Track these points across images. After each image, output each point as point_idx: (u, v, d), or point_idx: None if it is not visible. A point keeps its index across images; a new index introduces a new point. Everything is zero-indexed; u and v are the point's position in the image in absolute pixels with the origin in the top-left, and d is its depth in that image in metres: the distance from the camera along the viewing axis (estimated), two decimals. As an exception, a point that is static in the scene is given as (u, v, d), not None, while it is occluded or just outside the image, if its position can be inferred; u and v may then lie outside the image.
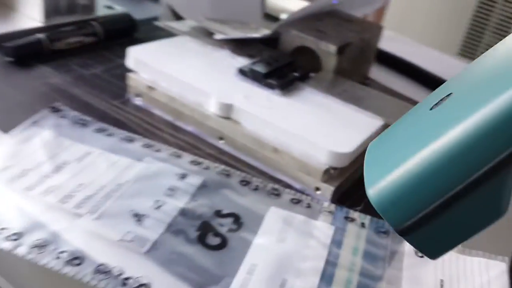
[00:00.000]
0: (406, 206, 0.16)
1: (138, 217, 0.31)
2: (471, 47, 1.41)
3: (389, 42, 0.66)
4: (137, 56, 0.44)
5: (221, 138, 0.40)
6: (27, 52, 0.47)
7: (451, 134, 0.16)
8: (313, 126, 0.39)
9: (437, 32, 1.41)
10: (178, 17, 0.59)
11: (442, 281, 0.31)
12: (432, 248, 0.17)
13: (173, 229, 0.31)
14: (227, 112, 0.40)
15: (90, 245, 0.28)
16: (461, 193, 0.16)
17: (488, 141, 0.15)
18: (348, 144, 0.37)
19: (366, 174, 0.18)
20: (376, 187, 0.17)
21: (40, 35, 0.48)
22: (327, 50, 0.49)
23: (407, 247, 0.33)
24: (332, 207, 0.36)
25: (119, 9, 0.60)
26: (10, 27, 0.49)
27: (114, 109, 0.42)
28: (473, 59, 0.23)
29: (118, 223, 0.30)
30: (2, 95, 0.41)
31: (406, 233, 0.17)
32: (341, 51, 0.49)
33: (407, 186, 0.16)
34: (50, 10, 0.52)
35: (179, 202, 0.33)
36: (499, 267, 0.32)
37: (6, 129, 0.36)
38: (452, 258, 0.33)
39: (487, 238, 0.36)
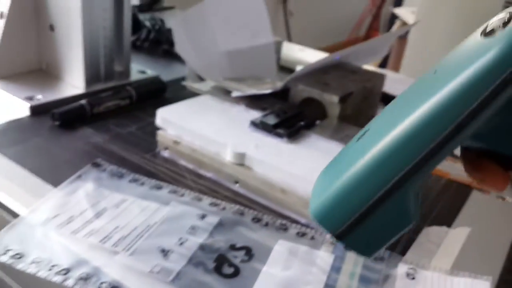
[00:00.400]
0: (337, 215, 0.21)
1: (165, 252, 0.36)
2: None
3: (399, 85, 0.71)
4: (164, 116, 0.50)
5: (236, 182, 0.46)
6: (71, 116, 0.54)
7: (364, 159, 0.21)
8: (316, 168, 0.43)
9: None
10: (201, 77, 0.66)
11: (429, 299, 0.34)
12: (364, 248, 0.22)
13: (193, 261, 0.36)
14: (241, 160, 0.45)
15: (125, 276, 0.34)
16: (376, 203, 0.20)
17: (387, 164, 0.20)
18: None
19: (311, 200, 0.23)
20: (315, 204, 0.22)
21: (83, 101, 0.55)
22: (330, 100, 0.54)
23: (400, 271, 0.37)
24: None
25: (150, 73, 0.68)
26: (57, 95, 0.57)
27: (146, 161, 0.48)
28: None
29: (148, 257, 0.35)
30: (51, 154, 0.48)
31: (341, 237, 0.21)
32: (343, 100, 0.55)
33: (337, 200, 0.21)
34: (91, 78, 0.60)
35: (199, 239, 0.38)
36: (482, 285, 0.35)
37: (55, 184, 0.43)
38: (440, 279, 0.36)
39: (474, 260, 0.39)
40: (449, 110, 0.19)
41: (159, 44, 0.82)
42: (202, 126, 0.49)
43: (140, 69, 0.68)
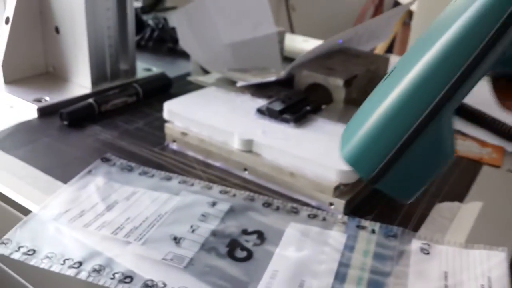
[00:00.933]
0: (371, 156, 0.20)
1: (177, 240, 0.35)
2: None
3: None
4: (171, 108, 0.49)
5: (245, 169, 0.45)
6: (79, 115, 0.53)
7: (394, 94, 0.20)
8: (324, 151, 0.43)
9: None
10: (206, 71, 0.65)
11: (446, 272, 0.33)
12: (401, 191, 0.21)
13: (206, 247, 0.35)
14: (248, 147, 0.44)
15: (138, 265, 0.33)
16: (411, 137, 0.19)
17: (420, 93, 0.19)
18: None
19: (341, 145, 0.22)
20: (347, 148, 0.21)
21: (90, 100, 0.54)
22: (336, 84, 0.53)
23: (414, 247, 0.36)
24: (345, 218, 0.39)
25: (155, 70, 0.67)
26: (64, 95, 0.56)
27: (155, 154, 0.48)
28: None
29: (160, 246, 0.34)
30: (60, 153, 0.47)
31: (376, 180, 0.20)
32: (348, 83, 0.53)
33: (369, 141, 0.20)
34: (97, 78, 0.59)
35: (211, 225, 0.37)
36: (499, 256, 0.34)
37: (66, 181, 0.42)
38: (455, 253, 0.35)
39: (488, 234, 0.38)
40: (475, 33, 0.18)
41: (163, 43, 0.81)
42: (209, 116, 0.48)
43: (146, 67, 0.68)
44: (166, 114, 0.50)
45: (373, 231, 0.37)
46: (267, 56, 0.68)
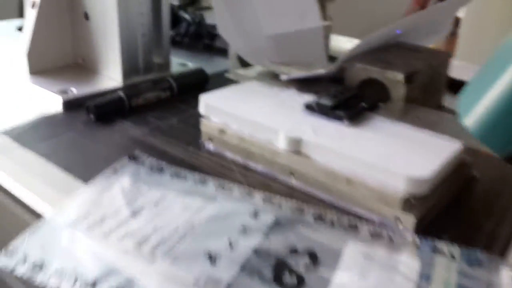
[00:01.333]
0: (507, 129, 0.14)
1: (212, 258, 0.28)
2: None
3: (461, 71, 0.61)
4: (208, 102, 0.43)
5: (291, 174, 0.38)
6: (108, 109, 0.47)
7: None
8: (387, 154, 0.35)
9: None
10: (245, 65, 0.58)
11: (555, 316, 0.25)
12: None
13: (247, 269, 0.28)
14: (296, 147, 0.37)
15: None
16: None
17: None
18: (427, 169, 0.33)
19: (461, 113, 0.16)
20: (472, 118, 0.15)
21: (120, 93, 0.48)
22: (395, 79, 0.45)
23: (506, 277, 0.28)
24: (417, 239, 0.31)
25: (191, 65, 0.61)
26: (92, 88, 0.51)
27: (189, 154, 0.41)
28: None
29: (192, 265, 0.28)
30: (85, 149, 0.42)
31: None
32: (409, 79, 0.46)
33: (505, 111, 0.14)
34: (129, 70, 0.53)
35: (253, 241, 0.30)
36: None
37: (87, 180, 0.36)
38: None
39: None
40: None
41: (200, 39, 0.75)
42: (250, 111, 0.41)
43: (181, 62, 0.62)
44: (202, 108, 0.43)
45: (452, 257, 0.30)
46: (312, 52, 0.60)
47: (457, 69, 0.59)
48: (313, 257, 0.29)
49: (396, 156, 0.35)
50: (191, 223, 0.31)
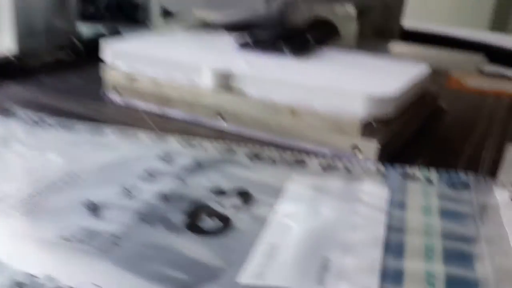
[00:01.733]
0: None
1: (94, 208, 0.20)
2: (502, 20, 1.23)
3: (414, 23, 0.55)
4: (115, 48, 0.34)
5: (220, 115, 0.30)
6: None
7: None
8: (341, 79, 0.28)
9: (463, 12, 1.25)
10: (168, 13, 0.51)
11: None
12: None
13: (148, 217, 0.19)
14: (225, 82, 0.29)
15: (12, 251, 0.17)
16: None
17: None
18: (390, 87, 0.26)
19: None
20: None
21: (7, 54, 0.39)
22: (345, 14, 0.39)
23: (500, 198, 0.21)
24: (381, 167, 0.24)
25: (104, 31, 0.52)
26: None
27: (89, 109, 0.33)
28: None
29: (60, 218, 0.19)
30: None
31: None
32: (361, 14, 0.39)
33: None
34: (25, 34, 0.44)
35: (159, 186, 0.22)
36: None
37: None
38: None
39: None
40: None
41: (120, 11, 0.66)
42: (170, 53, 0.33)
43: (95, 30, 0.53)
44: (107, 55, 0.34)
45: (429, 181, 0.22)
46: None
47: (409, 22, 0.53)
48: (245, 196, 0.21)
49: (353, 79, 0.28)
50: (75, 174, 0.23)
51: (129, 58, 0.33)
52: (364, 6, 0.40)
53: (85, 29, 0.50)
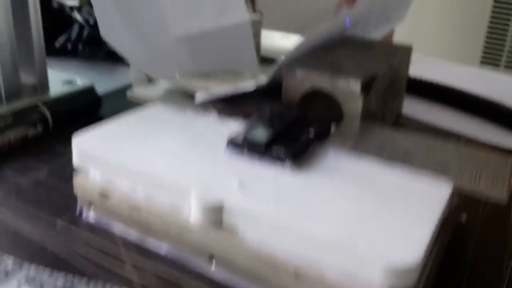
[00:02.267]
0: None
1: None
2: (494, 53, 1.23)
3: (417, 66, 0.50)
4: (82, 147, 0.29)
5: (211, 257, 0.25)
6: None
7: None
8: (352, 218, 0.23)
9: (453, 45, 1.24)
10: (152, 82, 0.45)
11: None
12: None
13: None
14: (216, 217, 0.24)
15: None
16: None
17: None
18: (413, 247, 0.21)
19: None
20: None
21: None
22: (348, 89, 0.33)
23: None
24: None
25: (81, 82, 0.46)
26: None
27: (54, 235, 0.27)
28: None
29: None
30: None
31: None
32: (366, 88, 0.34)
33: None
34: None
35: None
36: None
37: None
38: None
39: None
40: None
41: (99, 45, 0.60)
42: (147, 159, 0.27)
43: (68, 78, 0.46)
44: (76, 157, 0.29)
45: None
46: (238, 55, 0.47)
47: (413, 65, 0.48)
48: None
49: (366, 223, 0.23)
50: None
51: (100, 164, 0.28)
52: (369, 77, 0.35)
53: (58, 84, 0.44)
